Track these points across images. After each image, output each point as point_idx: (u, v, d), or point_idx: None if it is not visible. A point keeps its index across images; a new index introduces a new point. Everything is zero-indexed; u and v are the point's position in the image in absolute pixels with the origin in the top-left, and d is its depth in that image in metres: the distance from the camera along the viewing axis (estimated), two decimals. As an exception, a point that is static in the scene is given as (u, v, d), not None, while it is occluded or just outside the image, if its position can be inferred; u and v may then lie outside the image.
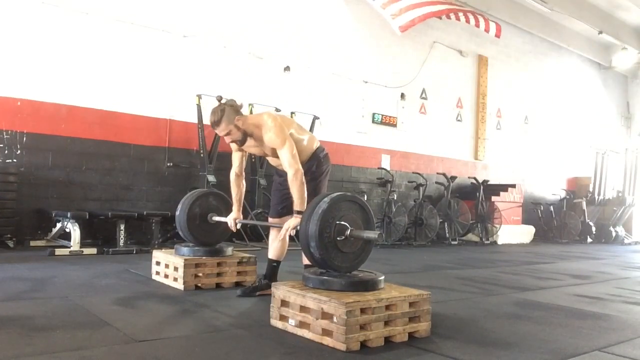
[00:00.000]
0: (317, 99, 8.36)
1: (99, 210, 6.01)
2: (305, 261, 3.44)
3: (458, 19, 9.20)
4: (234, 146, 3.55)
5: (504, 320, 3.23)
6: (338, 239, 2.68)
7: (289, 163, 3.18)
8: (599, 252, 9.13)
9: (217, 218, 3.91)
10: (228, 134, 3.32)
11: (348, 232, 2.70)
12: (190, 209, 3.90)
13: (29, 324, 2.61)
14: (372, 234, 2.76)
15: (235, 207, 3.68)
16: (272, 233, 3.66)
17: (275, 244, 3.61)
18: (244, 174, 3.74)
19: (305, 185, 3.17)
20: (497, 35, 9.63)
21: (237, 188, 3.68)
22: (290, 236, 3.30)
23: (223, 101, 3.46)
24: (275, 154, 3.36)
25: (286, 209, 3.55)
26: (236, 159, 3.68)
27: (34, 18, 6.04)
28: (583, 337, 2.84)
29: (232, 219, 3.67)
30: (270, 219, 3.72)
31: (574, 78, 13.77)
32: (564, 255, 8.23)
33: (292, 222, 3.07)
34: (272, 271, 3.65)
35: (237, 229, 3.85)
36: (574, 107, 13.63)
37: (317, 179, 3.47)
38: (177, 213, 3.95)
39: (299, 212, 3.07)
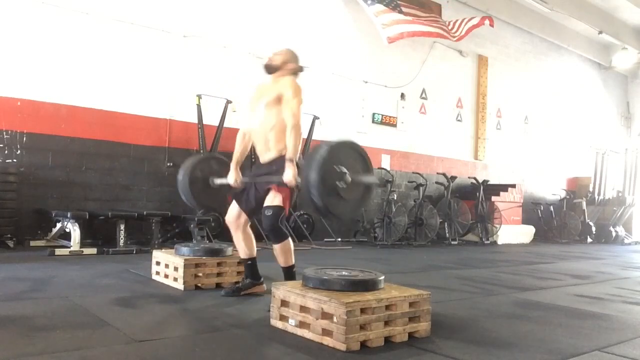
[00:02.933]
0: (317, 99, 8.35)
1: (99, 210, 6.01)
2: (281, 263, 3.40)
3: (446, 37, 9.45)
4: (251, 103, 3.59)
5: (504, 320, 3.23)
6: (339, 185, 2.68)
7: (292, 113, 3.27)
8: (599, 252, 9.13)
9: (218, 180, 3.83)
10: (278, 53, 3.58)
11: (349, 178, 2.70)
12: (192, 172, 3.83)
13: (29, 324, 2.61)
14: (372, 179, 2.80)
15: (233, 167, 3.62)
16: (234, 234, 3.59)
17: (241, 244, 3.58)
18: (250, 137, 3.66)
19: (300, 138, 3.28)
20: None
21: (241, 147, 3.65)
22: (266, 235, 3.31)
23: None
24: (270, 106, 3.36)
25: (248, 208, 3.50)
26: (246, 121, 3.66)
27: (34, 18, 6.05)
28: (583, 337, 2.84)
29: (233, 179, 3.61)
30: (229, 212, 3.60)
31: (574, 78, 13.77)
32: (564, 255, 8.23)
33: (289, 174, 3.12)
34: (251, 269, 3.65)
35: (239, 187, 3.68)
36: (574, 107, 13.63)
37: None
38: (179, 177, 3.88)
39: (290, 160, 3.15)
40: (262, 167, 3.47)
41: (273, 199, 3.27)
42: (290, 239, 3.43)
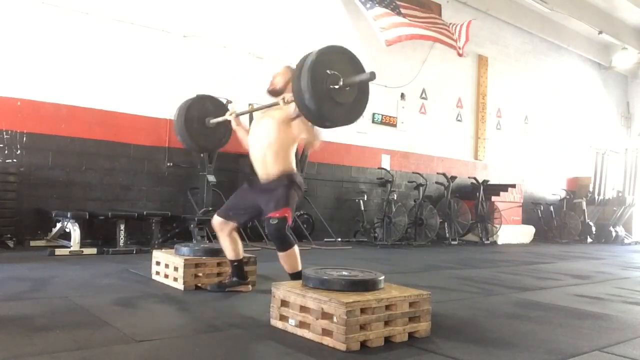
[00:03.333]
0: (317, 99, 8.35)
1: (99, 210, 6.01)
2: (287, 270, 3.42)
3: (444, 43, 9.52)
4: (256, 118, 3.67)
5: (504, 320, 3.23)
6: (332, 87, 2.65)
7: (308, 131, 3.36)
8: (599, 252, 9.13)
9: (214, 120, 3.84)
10: (279, 75, 3.56)
11: (341, 80, 2.66)
12: (188, 112, 3.80)
13: (29, 324, 2.61)
14: (364, 76, 2.74)
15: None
16: (222, 235, 3.60)
17: (227, 245, 3.61)
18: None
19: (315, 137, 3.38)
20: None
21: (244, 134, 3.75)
22: (267, 235, 3.36)
23: None
24: (273, 127, 3.40)
25: (237, 217, 3.55)
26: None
27: (34, 18, 6.05)
28: (583, 337, 2.84)
29: (229, 114, 3.68)
30: (215, 217, 3.62)
31: (574, 78, 13.77)
32: (564, 255, 8.23)
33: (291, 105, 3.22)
34: (237, 270, 3.68)
35: (237, 120, 3.77)
36: (574, 107, 13.63)
37: (293, 197, 3.41)
38: (175, 118, 3.88)
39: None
40: (261, 186, 3.50)
41: (276, 211, 3.29)
42: (296, 246, 3.42)
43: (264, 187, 3.45)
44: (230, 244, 3.60)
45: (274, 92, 3.54)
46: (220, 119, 3.78)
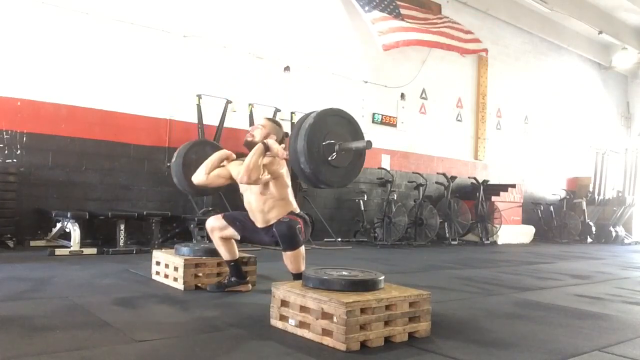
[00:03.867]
0: (317, 99, 8.35)
1: (99, 210, 6.01)
2: (291, 270, 3.41)
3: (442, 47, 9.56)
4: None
5: (504, 320, 3.23)
6: (328, 157, 2.68)
7: (251, 162, 3.24)
8: (599, 252, 9.13)
9: None
10: (261, 127, 3.50)
11: (337, 147, 2.69)
12: (186, 156, 3.84)
13: (29, 324, 2.61)
14: (360, 143, 2.75)
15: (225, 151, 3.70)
16: (213, 238, 3.62)
17: (221, 248, 3.63)
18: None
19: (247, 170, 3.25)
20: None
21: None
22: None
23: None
24: (264, 193, 3.43)
25: (238, 230, 3.57)
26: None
27: (34, 18, 6.05)
28: (583, 337, 2.84)
29: (225, 155, 3.65)
30: (216, 219, 3.62)
31: (574, 78, 13.77)
32: (564, 255, 8.23)
33: (275, 146, 3.26)
34: (235, 270, 3.69)
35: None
36: (574, 107, 13.63)
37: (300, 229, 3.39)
38: (173, 160, 3.92)
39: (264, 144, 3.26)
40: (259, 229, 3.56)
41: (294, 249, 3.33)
42: (303, 247, 3.42)
43: (264, 232, 3.51)
44: (223, 245, 3.62)
45: (250, 145, 3.44)
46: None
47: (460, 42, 9.71)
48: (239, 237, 3.63)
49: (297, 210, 3.53)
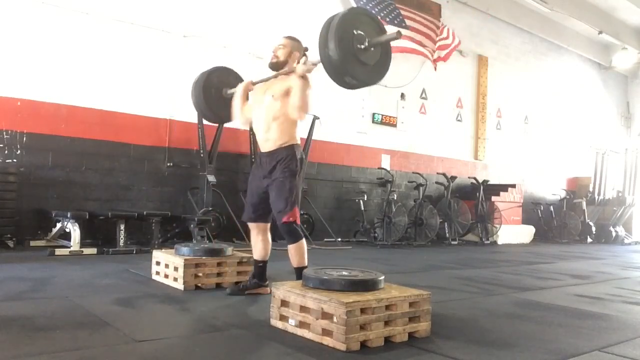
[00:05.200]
0: (317, 99, 8.32)
1: (99, 210, 6.01)
2: (294, 264, 3.45)
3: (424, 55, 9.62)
4: (257, 90, 3.62)
5: (504, 320, 3.23)
6: (358, 46, 2.67)
7: (299, 96, 3.28)
8: (599, 252, 9.13)
9: (231, 90, 3.82)
10: (282, 47, 3.50)
11: (366, 41, 2.68)
12: (208, 78, 3.79)
13: (29, 324, 2.61)
14: (390, 35, 2.74)
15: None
16: (253, 234, 3.62)
17: (259, 245, 3.61)
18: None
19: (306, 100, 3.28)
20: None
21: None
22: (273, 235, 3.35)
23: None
24: (276, 98, 3.39)
25: (262, 216, 3.55)
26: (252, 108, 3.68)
27: (34, 18, 6.04)
28: (583, 337, 2.84)
29: (246, 82, 3.66)
30: (249, 224, 3.63)
31: (574, 78, 13.77)
32: (564, 255, 8.23)
33: (301, 65, 3.23)
34: (259, 271, 3.66)
35: (249, 87, 3.74)
36: (574, 107, 13.63)
37: (298, 182, 3.44)
38: (194, 82, 3.87)
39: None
40: (262, 157, 3.51)
41: (286, 217, 3.33)
42: (304, 240, 3.47)
43: (267, 165, 3.43)
44: (262, 242, 3.60)
45: (276, 65, 3.51)
46: (235, 89, 3.76)
47: (445, 50, 9.78)
48: (268, 219, 3.58)
49: (298, 142, 3.51)
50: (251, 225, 3.62)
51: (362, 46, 2.66)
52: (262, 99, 3.51)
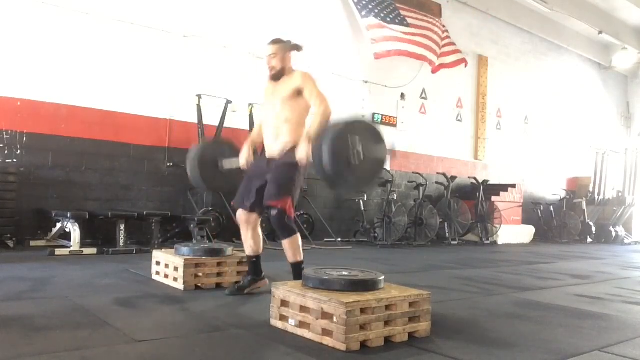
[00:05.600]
0: (317, 99, 8.34)
1: (99, 210, 6.01)
2: (289, 258, 3.47)
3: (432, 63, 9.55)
4: (265, 94, 3.62)
5: (504, 320, 3.23)
6: (352, 162, 2.70)
7: (317, 95, 3.31)
8: (599, 252, 9.13)
9: (227, 164, 3.79)
10: (275, 55, 3.47)
11: (361, 151, 2.72)
12: (202, 153, 3.80)
13: (29, 324, 2.61)
14: (384, 150, 2.80)
15: (247, 147, 3.63)
16: (243, 230, 3.60)
17: (249, 242, 3.60)
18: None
19: (327, 118, 3.27)
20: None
21: (258, 131, 3.69)
22: (267, 236, 3.34)
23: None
24: (285, 100, 3.40)
25: (255, 206, 3.51)
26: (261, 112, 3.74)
27: (34, 18, 6.04)
28: (583, 337, 2.84)
29: (244, 159, 3.61)
30: (238, 211, 3.59)
31: (574, 78, 13.77)
32: (564, 255, 8.23)
33: (302, 151, 3.16)
34: (254, 266, 3.67)
35: (249, 168, 3.69)
36: (574, 107, 13.63)
37: (299, 175, 3.45)
38: (189, 157, 3.85)
39: (309, 138, 3.16)
40: (266, 160, 3.51)
41: (276, 203, 3.33)
42: (298, 234, 3.48)
43: (272, 164, 3.45)
44: (252, 238, 3.60)
45: (277, 76, 3.52)
46: (233, 164, 3.72)
47: (446, 56, 9.76)
48: (258, 207, 3.54)
49: None
50: (241, 217, 3.57)
51: (357, 161, 2.73)
52: (271, 103, 3.52)
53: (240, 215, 3.59)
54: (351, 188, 2.84)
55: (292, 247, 3.44)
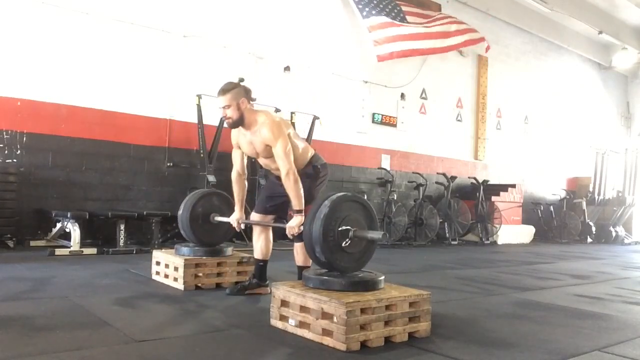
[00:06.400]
0: (317, 99, 8.36)
1: (99, 210, 6.01)
2: (299, 262, 3.49)
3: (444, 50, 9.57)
4: (234, 142, 3.55)
5: (504, 320, 3.23)
6: (342, 243, 2.69)
7: (282, 161, 3.18)
8: (599, 252, 9.13)
9: (219, 218, 3.90)
10: (228, 107, 3.26)
11: (351, 233, 2.70)
12: (194, 208, 3.89)
13: (29, 324, 2.61)
14: (375, 235, 2.76)
15: (237, 207, 3.66)
16: (255, 232, 3.63)
17: (260, 244, 3.61)
18: (245, 173, 3.71)
19: (300, 184, 3.19)
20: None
21: (239, 187, 3.67)
22: (274, 234, 3.36)
23: (242, 83, 3.42)
24: (266, 155, 3.34)
25: (273, 208, 3.57)
26: (237, 158, 3.64)
27: (34, 18, 6.04)
28: (583, 337, 2.84)
29: (235, 219, 3.65)
30: (253, 214, 3.66)
31: (574, 78, 13.77)
32: (564, 255, 8.23)
33: (294, 222, 3.13)
34: (260, 270, 3.67)
35: (240, 229, 3.84)
36: (574, 107, 13.63)
37: (313, 185, 3.45)
38: (180, 212, 3.94)
39: (298, 212, 3.13)
40: (271, 176, 3.55)
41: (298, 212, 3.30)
42: None
43: (278, 183, 3.44)
44: (263, 241, 3.60)
45: (235, 124, 3.34)
46: (225, 219, 3.79)
47: (458, 36, 9.69)
48: (271, 213, 3.58)
49: (312, 154, 3.49)
50: (255, 218, 3.62)
51: (348, 242, 2.70)
52: (252, 150, 3.42)
53: (255, 216, 3.63)
54: (343, 269, 2.77)
55: (305, 252, 3.38)
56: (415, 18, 9.33)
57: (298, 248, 3.45)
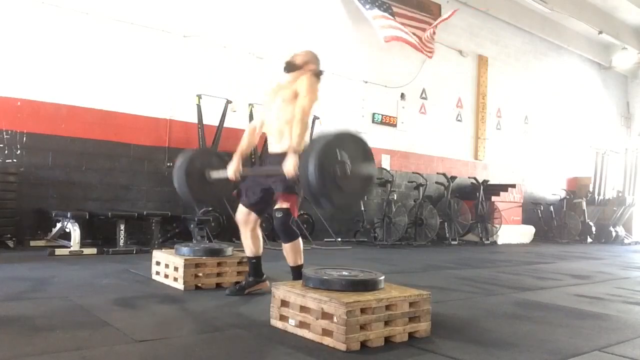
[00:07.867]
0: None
1: (99, 210, 6.01)
2: (289, 262, 3.48)
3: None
4: (269, 95, 3.65)
5: (504, 320, 3.23)
6: (338, 175, 2.66)
7: (302, 108, 3.33)
8: (599, 252, 9.13)
9: (215, 174, 3.69)
10: (300, 55, 3.64)
11: (349, 168, 2.67)
12: (190, 163, 3.68)
13: (29, 324, 2.61)
14: (372, 169, 2.76)
15: (236, 158, 3.55)
16: (243, 231, 3.59)
17: (249, 242, 3.60)
18: (261, 131, 3.70)
19: (305, 131, 3.32)
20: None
21: (248, 141, 3.67)
22: (267, 236, 3.34)
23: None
24: (285, 115, 3.39)
25: (256, 204, 3.50)
26: (259, 117, 3.71)
27: (34, 18, 6.04)
28: (583, 337, 2.84)
29: (233, 170, 3.52)
30: (238, 209, 3.58)
31: (574, 78, 13.77)
32: (564, 255, 8.23)
33: (289, 162, 3.11)
34: (254, 267, 3.66)
35: (237, 180, 3.62)
36: (574, 107, 13.63)
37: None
38: (175, 167, 3.72)
39: (293, 151, 3.15)
40: (270, 158, 3.53)
41: (282, 203, 3.35)
42: (300, 239, 3.49)
43: (276, 161, 3.39)
44: (251, 238, 3.59)
45: (290, 66, 3.59)
46: (221, 174, 3.64)
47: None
48: (258, 206, 3.53)
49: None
50: (240, 218, 3.55)
51: (344, 174, 2.66)
52: (274, 103, 3.52)
53: (239, 215, 3.59)
54: (336, 205, 2.72)
55: (294, 251, 3.44)
56: (404, 20, 9.39)
57: (287, 248, 3.44)
